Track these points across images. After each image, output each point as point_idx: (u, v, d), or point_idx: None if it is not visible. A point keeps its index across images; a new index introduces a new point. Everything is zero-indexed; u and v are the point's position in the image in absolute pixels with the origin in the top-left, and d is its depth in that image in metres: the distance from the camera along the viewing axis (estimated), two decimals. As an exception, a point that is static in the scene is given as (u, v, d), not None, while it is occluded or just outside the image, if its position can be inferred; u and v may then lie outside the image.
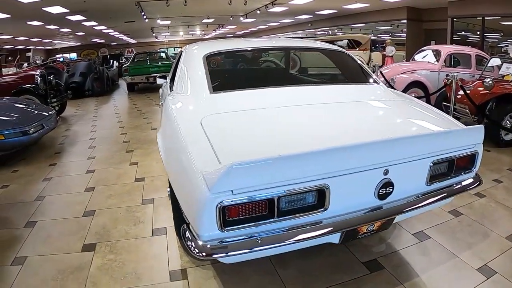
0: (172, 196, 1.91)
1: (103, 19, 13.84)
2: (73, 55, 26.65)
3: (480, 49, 8.21)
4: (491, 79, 4.35)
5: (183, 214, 1.58)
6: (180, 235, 1.57)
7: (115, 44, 28.83)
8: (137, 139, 5.42)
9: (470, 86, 4.65)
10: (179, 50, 4.00)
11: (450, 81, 4.54)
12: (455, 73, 4.70)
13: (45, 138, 5.24)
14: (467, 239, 2.44)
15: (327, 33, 18.51)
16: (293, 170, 1.36)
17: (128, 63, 11.77)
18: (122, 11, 11.95)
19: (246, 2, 11.68)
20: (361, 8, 13.43)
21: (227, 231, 1.36)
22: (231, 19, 16.94)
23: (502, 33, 10.27)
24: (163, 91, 4.13)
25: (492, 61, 5.25)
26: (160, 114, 3.36)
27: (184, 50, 2.95)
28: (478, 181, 2.00)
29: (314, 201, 1.48)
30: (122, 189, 3.51)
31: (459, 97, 4.64)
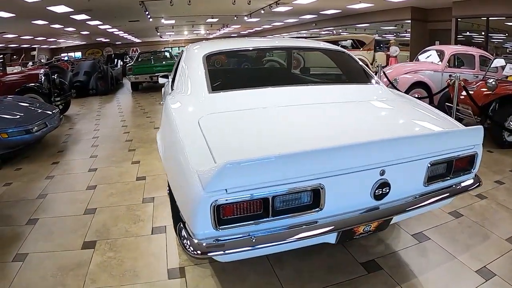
0: (170, 194, 1.93)
1: (107, 18, 13.93)
2: (78, 54, 26.83)
3: (485, 50, 8.16)
4: (494, 80, 4.31)
5: (180, 212, 1.59)
6: (177, 233, 1.58)
7: (120, 43, 28.98)
8: (140, 138, 5.45)
9: (473, 86, 4.62)
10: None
11: (453, 82, 4.51)
12: (458, 74, 4.67)
13: (48, 136, 5.29)
14: (467, 240, 2.43)
15: (331, 33, 18.47)
16: (287, 170, 1.36)
17: (132, 63, 11.84)
18: (126, 10, 12.01)
19: (250, 1, 11.69)
20: (366, 8, 13.39)
21: (221, 229, 1.37)
22: (235, 18, 16.96)
23: (507, 34, 10.19)
24: (165, 90, 4.15)
25: (496, 62, 5.21)
26: (161, 113, 3.38)
27: (185, 50, 2.96)
28: (478, 182, 1.99)
29: (309, 201, 1.48)
30: (123, 187, 3.54)
31: (462, 97, 4.61)
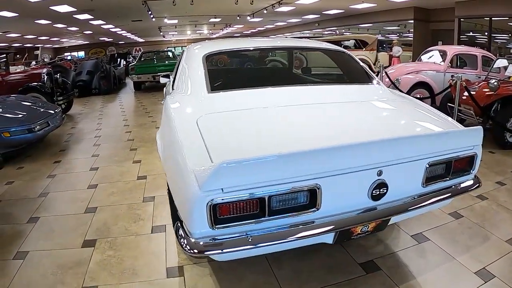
0: (169, 194, 1.94)
1: (110, 18, 13.97)
2: (81, 53, 26.94)
3: (488, 50, 8.11)
4: (496, 80, 4.29)
5: (178, 211, 1.60)
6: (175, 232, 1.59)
7: (123, 42, 29.06)
8: (142, 137, 5.47)
9: (475, 87, 4.60)
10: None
11: (455, 82, 4.49)
12: (460, 74, 4.65)
13: (50, 135, 5.32)
14: (467, 241, 2.42)
15: (334, 33, 18.44)
16: (283, 170, 1.37)
17: (135, 62, 11.88)
18: (129, 10, 12.04)
19: (252, 1, 11.70)
20: (368, 8, 13.36)
21: (218, 229, 1.38)
22: (238, 18, 16.97)
23: (510, 34, 10.13)
24: (166, 90, 4.17)
25: (498, 62, 5.18)
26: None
27: (186, 50, 2.98)
28: (477, 183, 1.98)
29: (306, 201, 1.48)
30: (124, 186, 3.55)
31: (464, 98, 4.59)
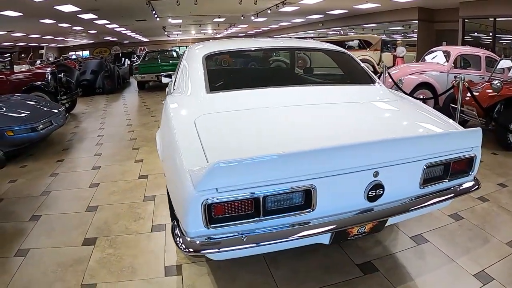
0: (168, 193, 1.95)
1: (114, 17, 14.05)
2: (86, 52, 27.13)
3: (492, 51, 8.05)
4: (499, 81, 4.26)
5: (174, 211, 1.61)
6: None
7: (127, 42, 29.21)
8: (144, 136, 5.49)
9: (479, 88, 4.57)
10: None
11: (458, 83, 4.47)
12: (463, 75, 4.62)
13: (54, 134, 5.36)
14: (466, 243, 2.41)
15: (338, 33, 18.40)
16: (278, 170, 1.37)
17: (139, 62, 11.93)
18: (133, 9, 12.11)
19: (256, 1, 11.71)
20: (372, 8, 13.31)
21: (213, 228, 1.39)
22: (242, 18, 16.99)
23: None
24: (168, 90, 4.18)
25: (502, 63, 5.14)
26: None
27: (187, 50, 2.99)
28: (477, 185, 1.97)
29: (301, 201, 1.48)
30: (125, 185, 3.58)
31: (467, 99, 4.57)
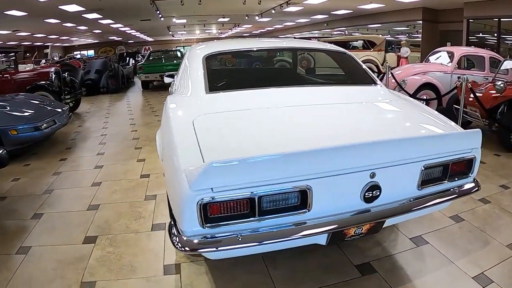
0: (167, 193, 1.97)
1: (119, 17, 14.13)
2: (91, 52, 27.30)
3: (497, 51, 7.98)
4: (503, 82, 4.23)
5: (172, 210, 1.62)
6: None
7: (132, 42, 29.36)
8: (147, 136, 5.52)
9: (482, 89, 4.54)
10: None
11: (461, 84, 4.44)
12: (466, 76, 4.60)
13: (57, 133, 5.41)
14: (466, 246, 2.39)
15: (343, 33, 18.36)
16: (273, 171, 1.37)
17: (143, 61, 11.99)
18: (137, 9, 12.17)
19: (260, 1, 11.72)
20: (377, 9, 13.26)
21: (208, 227, 1.40)
22: (246, 18, 17.00)
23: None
24: (170, 89, 4.20)
25: (506, 64, 5.09)
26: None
27: (188, 50, 3.01)
28: (476, 187, 1.96)
29: (297, 202, 1.49)
30: (127, 184, 3.60)
31: (470, 100, 4.53)
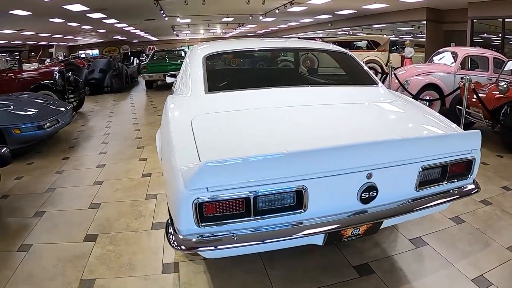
0: None
1: (123, 17, 14.18)
2: (95, 51, 27.46)
3: (501, 52, 7.91)
4: (506, 83, 4.19)
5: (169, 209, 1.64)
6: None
7: (136, 41, 29.47)
8: (150, 135, 5.54)
9: (485, 89, 4.51)
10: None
11: (463, 84, 4.41)
12: (470, 76, 4.57)
13: (61, 132, 5.45)
14: (466, 247, 2.38)
15: (347, 33, 18.32)
16: (268, 170, 1.38)
17: (147, 61, 12.04)
18: (141, 9, 12.20)
19: (264, 1, 11.71)
20: (381, 9, 13.20)
21: (204, 227, 1.41)
22: (250, 18, 17.01)
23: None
24: (173, 89, 4.22)
25: (510, 64, 5.04)
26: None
27: (190, 50, 3.02)
28: (476, 188, 1.94)
29: (293, 202, 1.49)
30: (129, 183, 3.62)
31: (473, 100, 4.51)
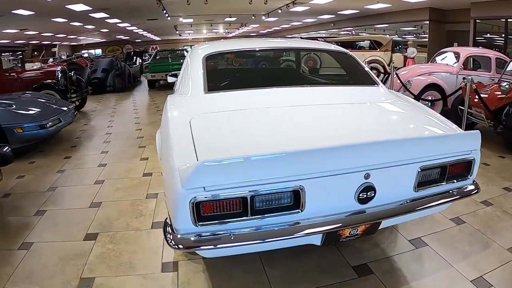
0: None
1: (126, 16, 14.22)
2: (98, 51, 27.55)
3: (504, 52, 7.87)
4: (508, 83, 4.17)
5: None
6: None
7: (139, 41, 29.55)
8: (151, 135, 5.55)
9: (487, 90, 4.49)
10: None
11: (465, 84, 4.40)
12: (472, 76, 4.55)
13: (63, 131, 5.48)
14: (466, 248, 2.37)
15: (350, 33, 18.29)
16: (265, 170, 1.38)
17: (149, 60, 12.06)
18: (144, 9, 12.24)
19: (266, 1, 11.71)
20: (383, 9, 13.18)
21: (201, 226, 1.41)
22: (253, 18, 17.01)
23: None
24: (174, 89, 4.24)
25: (512, 65, 5.02)
26: None
27: (191, 49, 3.03)
28: (476, 189, 1.93)
29: (290, 202, 1.49)
30: (130, 183, 3.63)
31: (475, 101, 4.49)
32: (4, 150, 2.94)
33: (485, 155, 4.09)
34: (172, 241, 1.44)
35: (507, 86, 4.08)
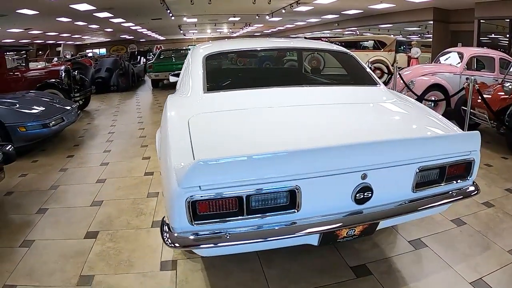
0: None
1: (130, 16, 14.28)
2: (103, 50, 27.70)
3: (508, 52, 7.80)
4: (511, 84, 4.14)
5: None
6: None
7: (143, 40, 29.66)
8: (154, 134, 5.47)
9: (490, 90, 4.46)
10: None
11: (468, 85, 4.37)
12: (475, 77, 4.52)
13: (66, 130, 5.52)
14: (466, 250, 2.35)
15: (354, 33, 18.25)
16: (261, 170, 1.39)
17: (153, 60, 12.11)
18: (148, 8, 12.28)
19: (270, 1, 11.71)
20: (387, 9, 13.13)
21: (197, 225, 1.42)
22: (257, 17, 17.03)
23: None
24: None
25: (516, 65, 4.99)
26: None
27: (192, 49, 3.04)
28: (476, 190, 1.92)
29: (286, 201, 1.49)
30: (131, 182, 3.66)
31: (478, 101, 4.46)
32: (7, 148, 2.98)
33: (488, 156, 4.07)
34: (169, 240, 1.45)
35: (510, 87, 4.04)
